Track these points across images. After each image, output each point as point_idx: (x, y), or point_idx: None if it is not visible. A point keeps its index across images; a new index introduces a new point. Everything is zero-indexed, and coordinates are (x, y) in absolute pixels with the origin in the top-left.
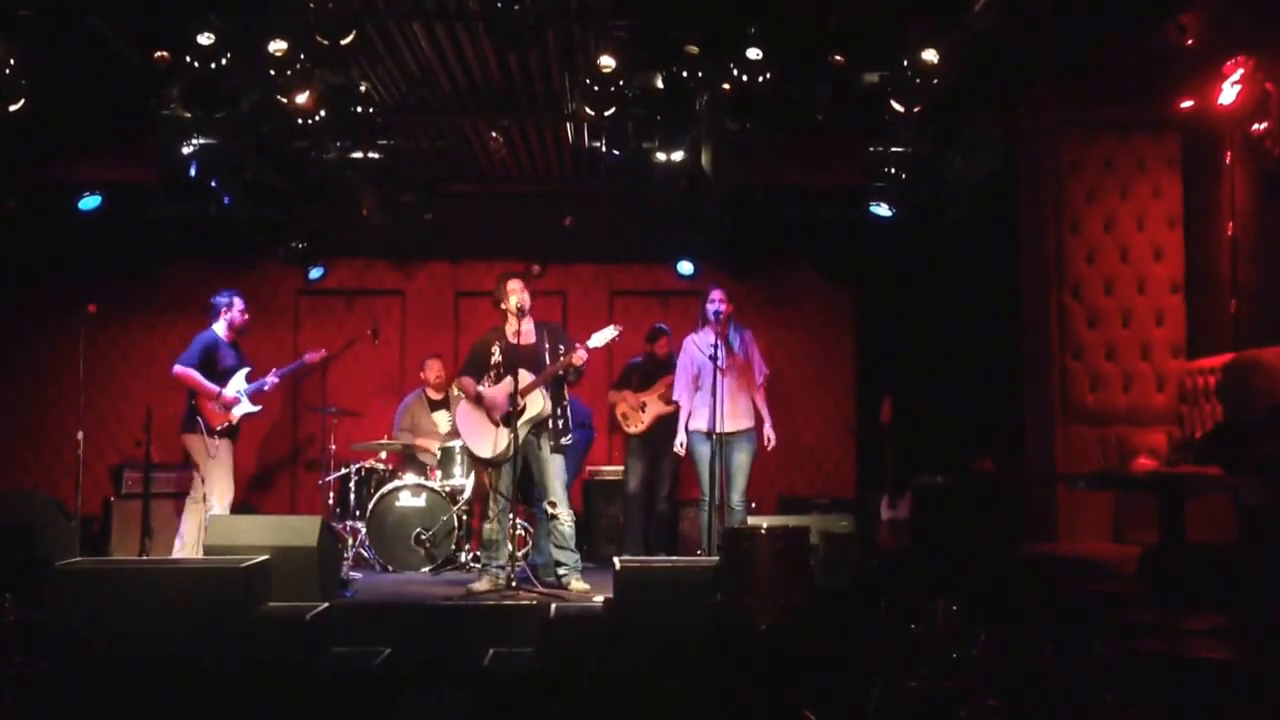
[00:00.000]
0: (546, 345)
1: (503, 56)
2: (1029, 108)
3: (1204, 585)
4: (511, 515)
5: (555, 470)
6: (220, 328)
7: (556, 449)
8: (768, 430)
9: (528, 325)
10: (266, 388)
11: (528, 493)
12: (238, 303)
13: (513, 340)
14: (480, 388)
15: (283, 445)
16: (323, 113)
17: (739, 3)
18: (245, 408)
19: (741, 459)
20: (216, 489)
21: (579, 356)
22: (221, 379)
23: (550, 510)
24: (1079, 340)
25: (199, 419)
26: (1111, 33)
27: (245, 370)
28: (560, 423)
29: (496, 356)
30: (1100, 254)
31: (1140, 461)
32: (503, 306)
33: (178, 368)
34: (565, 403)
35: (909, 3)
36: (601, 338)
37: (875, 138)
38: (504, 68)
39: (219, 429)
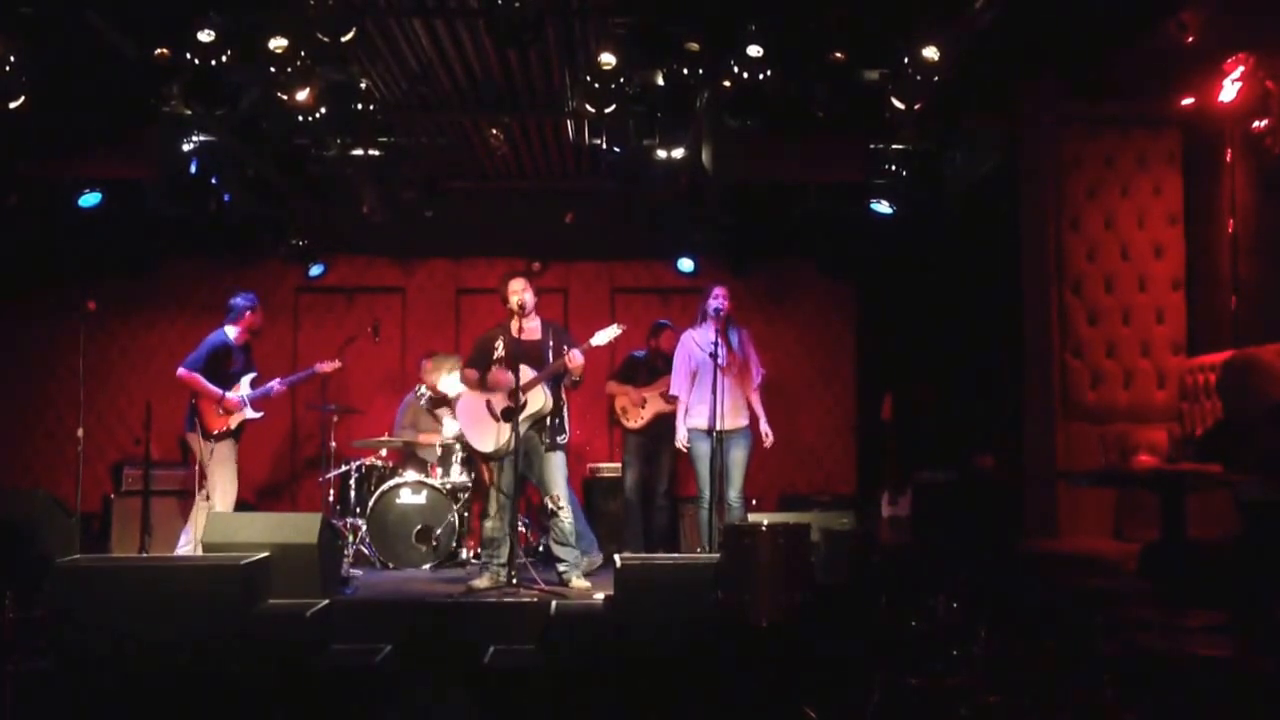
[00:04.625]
0: (550, 343)
1: (503, 53)
2: (1029, 104)
3: (1204, 582)
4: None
5: (556, 466)
6: (233, 331)
7: (552, 446)
8: (764, 427)
9: (533, 322)
10: (272, 394)
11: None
12: (259, 307)
13: (516, 336)
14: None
15: (283, 442)
16: (323, 110)
17: None
18: (247, 413)
19: (739, 456)
20: (219, 488)
21: (572, 358)
22: (228, 382)
23: (551, 506)
24: (1079, 337)
25: (197, 420)
26: (1112, 29)
27: (251, 376)
28: (557, 420)
29: (499, 351)
30: (1101, 251)
31: (1141, 458)
32: (506, 305)
33: (183, 370)
34: (563, 402)
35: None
36: (604, 336)
37: (876, 135)
38: (504, 65)
39: (215, 433)
